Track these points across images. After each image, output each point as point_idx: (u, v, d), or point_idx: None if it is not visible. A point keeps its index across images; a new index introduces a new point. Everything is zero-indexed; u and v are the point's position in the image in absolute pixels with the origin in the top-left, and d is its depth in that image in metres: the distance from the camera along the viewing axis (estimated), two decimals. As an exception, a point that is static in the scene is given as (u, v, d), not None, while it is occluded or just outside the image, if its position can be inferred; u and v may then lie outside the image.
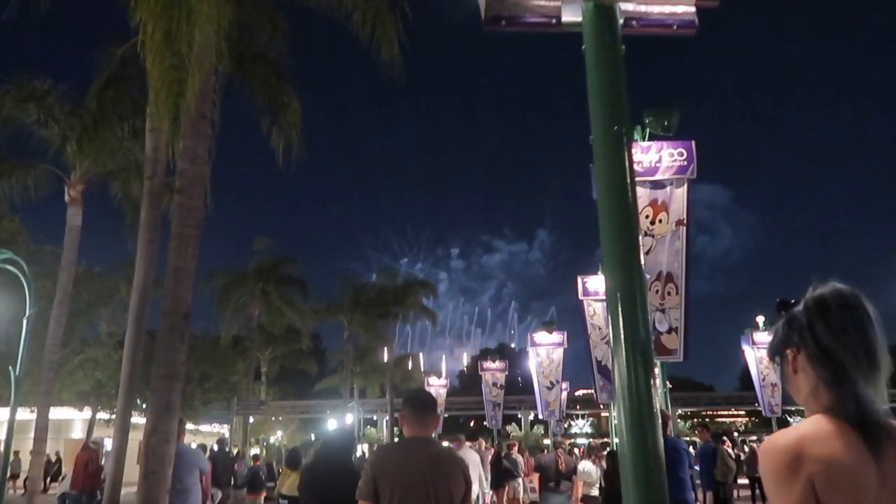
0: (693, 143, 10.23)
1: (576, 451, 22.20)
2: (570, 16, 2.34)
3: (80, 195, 14.52)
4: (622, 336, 1.99)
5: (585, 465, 11.24)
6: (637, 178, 11.26)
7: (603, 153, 2.17)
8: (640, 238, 8.44)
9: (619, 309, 2.01)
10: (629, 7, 2.33)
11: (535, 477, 11.43)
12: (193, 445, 9.48)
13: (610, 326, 2.03)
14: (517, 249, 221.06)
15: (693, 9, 2.39)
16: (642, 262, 2.05)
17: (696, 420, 62.53)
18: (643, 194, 10.65)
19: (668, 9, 2.39)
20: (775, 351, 1.54)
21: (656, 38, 2.48)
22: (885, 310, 1.48)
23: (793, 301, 1.52)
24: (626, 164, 2.13)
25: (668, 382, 14.00)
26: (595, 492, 10.85)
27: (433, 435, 3.54)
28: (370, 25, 8.83)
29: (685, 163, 10.38)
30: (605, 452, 12.66)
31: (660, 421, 1.98)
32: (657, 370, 11.12)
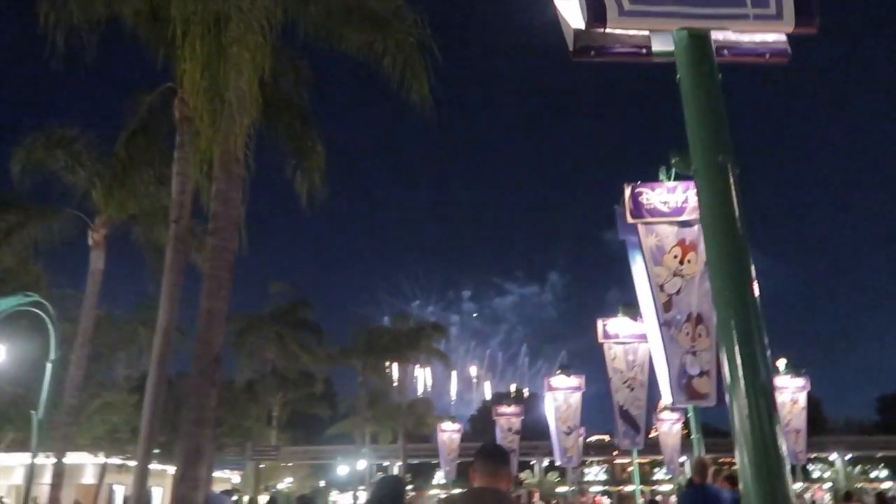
0: (696, 191, 10.17)
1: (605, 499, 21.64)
2: (661, 45, 2.30)
3: (104, 239, 14.61)
4: (740, 376, 1.88)
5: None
6: (664, 218, 11.10)
7: (707, 184, 2.09)
8: (670, 279, 8.18)
9: (735, 346, 1.90)
10: (720, 36, 2.28)
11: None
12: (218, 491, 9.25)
13: (726, 365, 1.92)
14: (528, 292, 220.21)
15: (785, 38, 2.34)
16: (756, 293, 1.95)
17: (714, 468, 60.83)
18: (671, 233, 10.55)
19: (759, 38, 2.34)
20: None
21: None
22: None
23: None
24: (733, 194, 2.04)
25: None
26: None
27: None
28: (400, 69, 8.94)
29: (712, 203, 10.32)
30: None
31: (788, 468, 1.84)
32: (690, 415, 10.80)
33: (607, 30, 2.21)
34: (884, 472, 59.00)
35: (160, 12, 9.81)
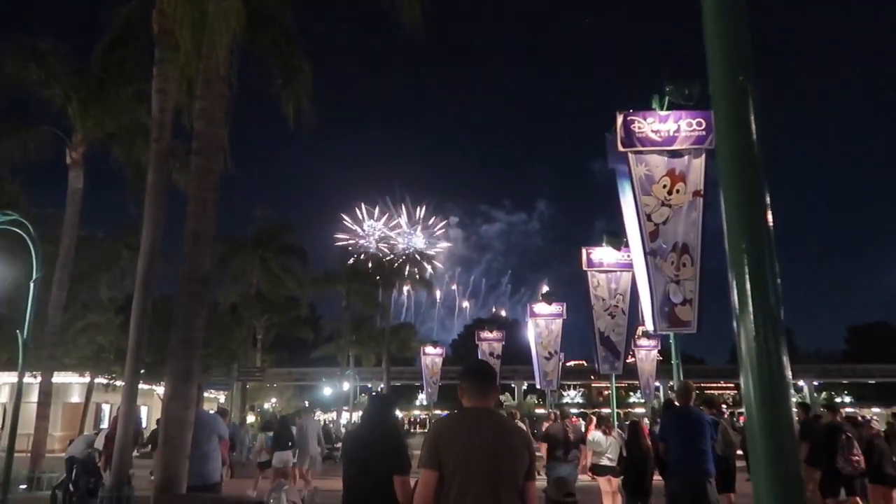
0: (713, 112, 10.06)
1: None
2: (683, -43, 2.17)
3: (82, 158, 14.24)
4: (749, 301, 1.86)
5: (595, 435, 11.26)
6: (655, 148, 11.01)
7: (725, 106, 2.01)
8: (658, 208, 8.17)
9: (746, 272, 1.87)
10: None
11: (542, 446, 11.44)
12: (212, 411, 9.41)
13: (734, 291, 1.90)
14: (516, 220, 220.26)
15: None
16: (769, 220, 1.91)
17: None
18: (661, 163, 10.49)
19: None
20: None
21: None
22: None
23: None
24: (752, 117, 1.97)
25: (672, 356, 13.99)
26: (605, 461, 10.89)
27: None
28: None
29: (704, 132, 10.21)
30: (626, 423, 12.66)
31: (791, 391, 1.86)
32: (671, 342, 11.04)
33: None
34: (847, 399, 61.76)
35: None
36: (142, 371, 12.43)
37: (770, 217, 1.92)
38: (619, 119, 10.42)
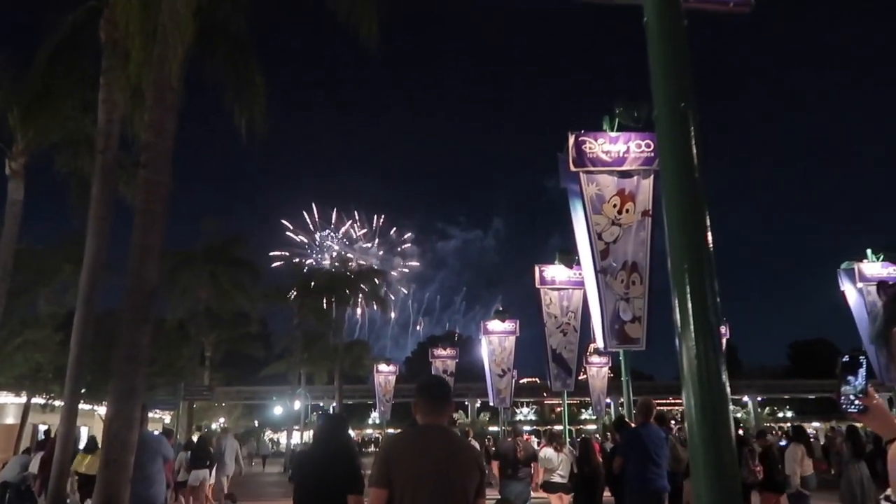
0: (656, 136, 10.36)
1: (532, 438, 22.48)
2: (629, -13, 2.25)
3: (23, 168, 13.71)
4: (690, 320, 1.93)
5: (546, 452, 11.33)
6: (605, 168, 11.26)
7: (668, 130, 2.09)
8: (609, 227, 8.36)
9: (687, 290, 1.94)
10: (686, -19, 2.25)
11: (493, 465, 11.45)
12: (156, 432, 9.14)
13: (676, 309, 1.96)
14: (471, 237, 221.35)
15: (749, -13, 2.34)
16: (709, 240, 1.99)
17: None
18: (611, 183, 10.75)
19: (724, -15, 2.33)
20: (879, 333, 1.48)
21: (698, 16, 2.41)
22: None
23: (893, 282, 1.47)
24: (693, 141, 2.05)
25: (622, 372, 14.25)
26: (556, 478, 10.96)
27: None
28: (348, 4, 8.54)
29: (652, 154, 10.50)
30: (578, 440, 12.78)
31: (730, 407, 1.92)
32: (621, 359, 11.22)
33: (577, -33, 2.15)
34: (790, 413, 63.75)
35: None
36: (82, 390, 11.96)
37: (710, 237, 2.00)
38: (571, 139, 10.65)
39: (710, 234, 2.00)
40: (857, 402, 1.58)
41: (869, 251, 15.64)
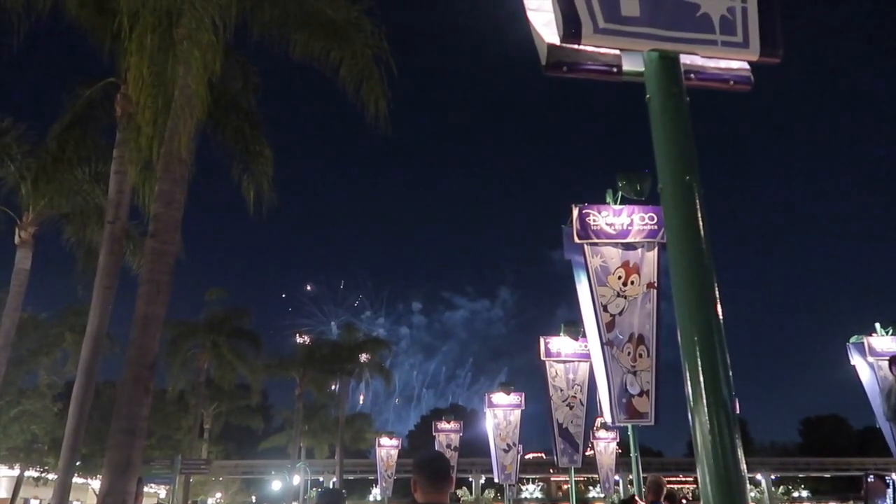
0: (662, 209, 10.47)
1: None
2: (631, 65, 2.33)
3: (32, 238, 13.87)
4: (703, 393, 1.89)
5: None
6: (609, 240, 11.31)
7: (673, 203, 2.11)
8: (614, 299, 8.33)
9: (699, 364, 1.91)
10: (687, 60, 2.33)
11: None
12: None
13: (688, 382, 1.92)
14: (478, 307, 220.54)
15: (748, 66, 2.41)
16: (719, 313, 1.97)
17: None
18: (616, 255, 10.78)
19: (724, 64, 2.40)
20: (894, 410, 1.44)
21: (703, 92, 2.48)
22: None
23: None
24: (699, 213, 2.07)
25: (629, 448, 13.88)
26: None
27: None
28: (356, 80, 8.83)
29: (656, 227, 10.58)
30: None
31: (747, 482, 1.86)
32: (629, 434, 10.98)
33: (581, 46, 2.22)
34: (805, 493, 61.53)
35: (106, 3, 9.45)
36: (77, 463, 11.72)
37: (720, 310, 1.98)
38: (575, 212, 10.76)
39: (719, 306, 1.98)
40: None
41: (878, 325, 15.48)
